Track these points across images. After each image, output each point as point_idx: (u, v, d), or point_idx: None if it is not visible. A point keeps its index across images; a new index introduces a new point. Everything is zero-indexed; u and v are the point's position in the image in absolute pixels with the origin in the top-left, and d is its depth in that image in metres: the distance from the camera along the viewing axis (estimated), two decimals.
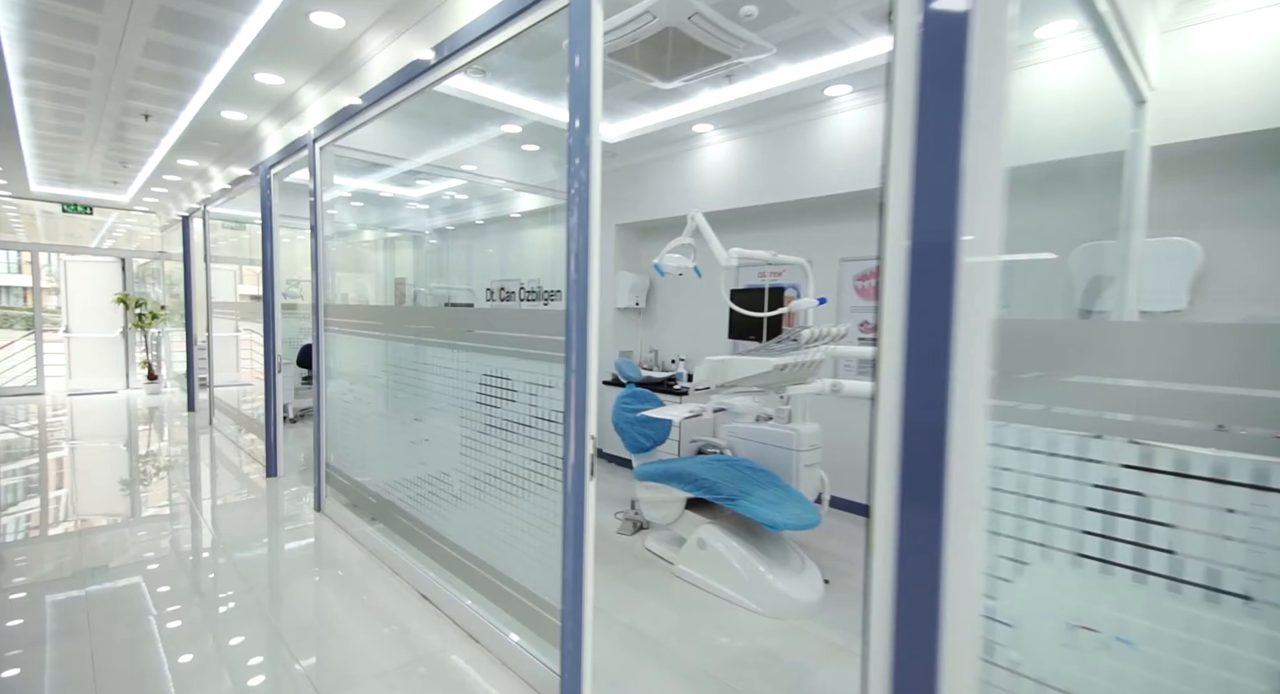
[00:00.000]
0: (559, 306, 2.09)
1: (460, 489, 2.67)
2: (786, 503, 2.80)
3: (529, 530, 2.25)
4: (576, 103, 1.85)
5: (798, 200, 4.02)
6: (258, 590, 2.85)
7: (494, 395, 2.42)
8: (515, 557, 2.33)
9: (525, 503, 2.27)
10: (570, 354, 1.89)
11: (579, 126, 1.85)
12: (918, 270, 1.11)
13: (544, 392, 2.14)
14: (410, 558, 2.97)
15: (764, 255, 3.00)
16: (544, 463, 2.16)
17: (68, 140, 5.48)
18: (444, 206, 7.34)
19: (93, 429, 6.46)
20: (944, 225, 1.07)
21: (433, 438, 2.91)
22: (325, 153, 3.76)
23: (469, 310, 2.61)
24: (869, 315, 3.91)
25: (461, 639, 2.47)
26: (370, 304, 6.98)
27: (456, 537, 2.67)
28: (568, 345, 1.90)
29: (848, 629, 2.57)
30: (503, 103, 4.01)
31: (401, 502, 3.13)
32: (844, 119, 3.69)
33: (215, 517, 3.83)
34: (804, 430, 3.15)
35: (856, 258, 3.96)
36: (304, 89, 3.78)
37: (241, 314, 6.12)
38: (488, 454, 2.48)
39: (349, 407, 3.75)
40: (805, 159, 3.90)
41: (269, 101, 4.05)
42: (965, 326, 1.06)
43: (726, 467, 3.10)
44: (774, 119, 3.98)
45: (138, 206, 8.62)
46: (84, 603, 2.69)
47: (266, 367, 4.57)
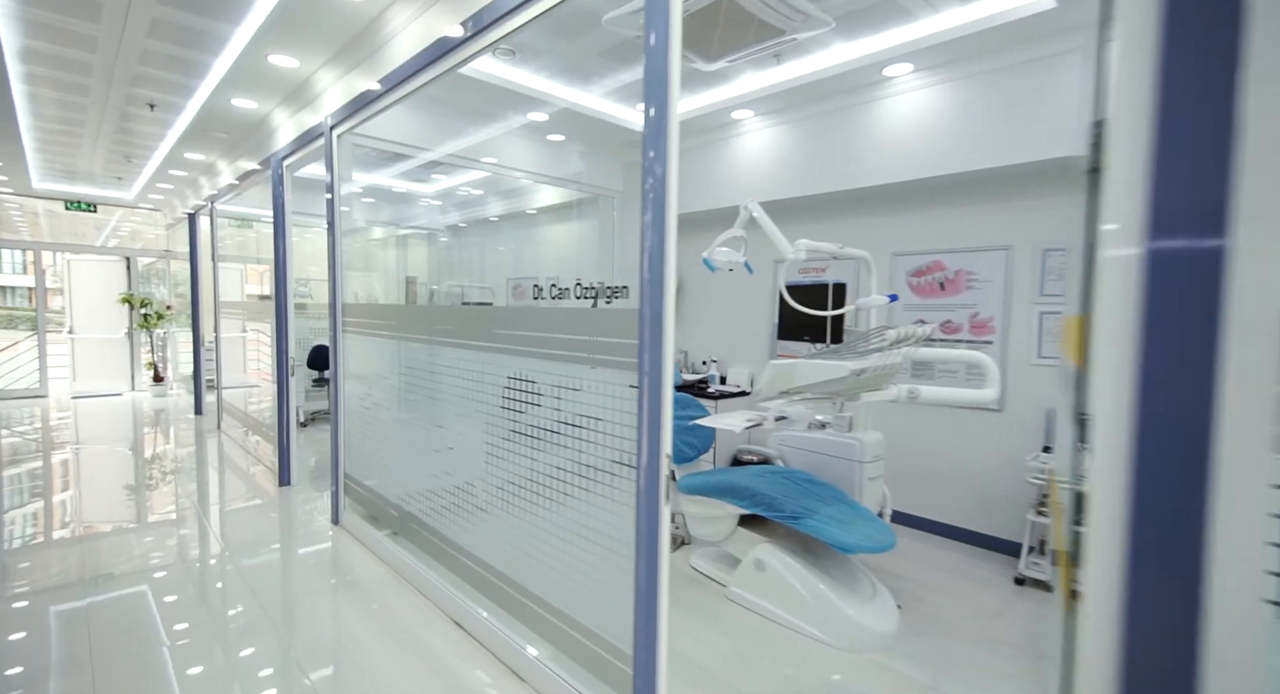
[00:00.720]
0: (625, 305, 1.84)
1: (499, 505, 2.42)
2: (856, 521, 2.54)
3: (587, 556, 2.00)
4: (652, 86, 1.59)
5: (845, 191, 3.75)
6: (271, 610, 2.60)
7: (541, 403, 2.17)
8: (571, 587, 2.07)
9: (581, 523, 2.02)
10: (643, 359, 1.63)
11: (654, 115, 1.59)
12: (1162, 258, 0.85)
13: (603, 400, 1.89)
14: (440, 579, 2.72)
15: (831, 248, 2.74)
16: (602, 478, 1.91)
17: (70, 133, 5.25)
18: (461, 201, 7.10)
19: (97, 433, 6.24)
20: (1208, 195, 0.81)
21: (464, 447, 2.66)
22: (343, 141, 3.51)
23: (518, 310, 2.35)
24: (924, 313, 3.65)
25: (503, 675, 2.22)
26: (394, 304, 6.75)
27: (496, 558, 2.42)
28: (640, 350, 1.64)
29: (931, 665, 2.31)
30: (530, 87, 3.75)
31: (429, 516, 2.88)
32: (902, 102, 3.42)
33: (225, 528, 3.59)
34: (867, 440, 2.89)
35: (912, 251, 3.69)
36: (320, 72, 3.53)
37: (249, 314, 5.89)
38: (535, 467, 2.23)
39: (369, 413, 3.50)
40: (855, 146, 3.64)
41: (282, 87, 3.80)
42: (1240, 327, 0.79)
43: (784, 480, 2.84)
44: (822, 103, 3.72)
45: (143, 204, 8.40)
46: (85, 622, 2.45)
47: (279, 370, 4.33)
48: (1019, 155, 2.95)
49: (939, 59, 3.12)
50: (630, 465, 1.78)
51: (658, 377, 1.60)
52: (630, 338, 1.72)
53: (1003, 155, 3.01)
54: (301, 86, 3.76)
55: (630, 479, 1.78)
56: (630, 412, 1.76)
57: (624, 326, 1.75)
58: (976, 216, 3.44)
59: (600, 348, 1.86)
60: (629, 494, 1.78)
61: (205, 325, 7.09)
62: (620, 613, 1.77)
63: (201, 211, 6.89)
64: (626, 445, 1.80)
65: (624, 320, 1.75)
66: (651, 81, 1.59)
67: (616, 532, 1.85)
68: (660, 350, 1.59)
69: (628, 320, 1.73)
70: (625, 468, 1.81)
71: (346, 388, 3.63)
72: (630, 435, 1.78)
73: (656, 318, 1.60)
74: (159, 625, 2.50)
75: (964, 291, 3.49)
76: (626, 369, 1.76)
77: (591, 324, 1.92)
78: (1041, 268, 3.20)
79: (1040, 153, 2.88)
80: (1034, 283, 3.24)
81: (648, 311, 1.61)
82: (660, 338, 1.59)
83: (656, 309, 1.60)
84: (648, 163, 1.61)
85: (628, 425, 1.79)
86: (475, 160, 4.46)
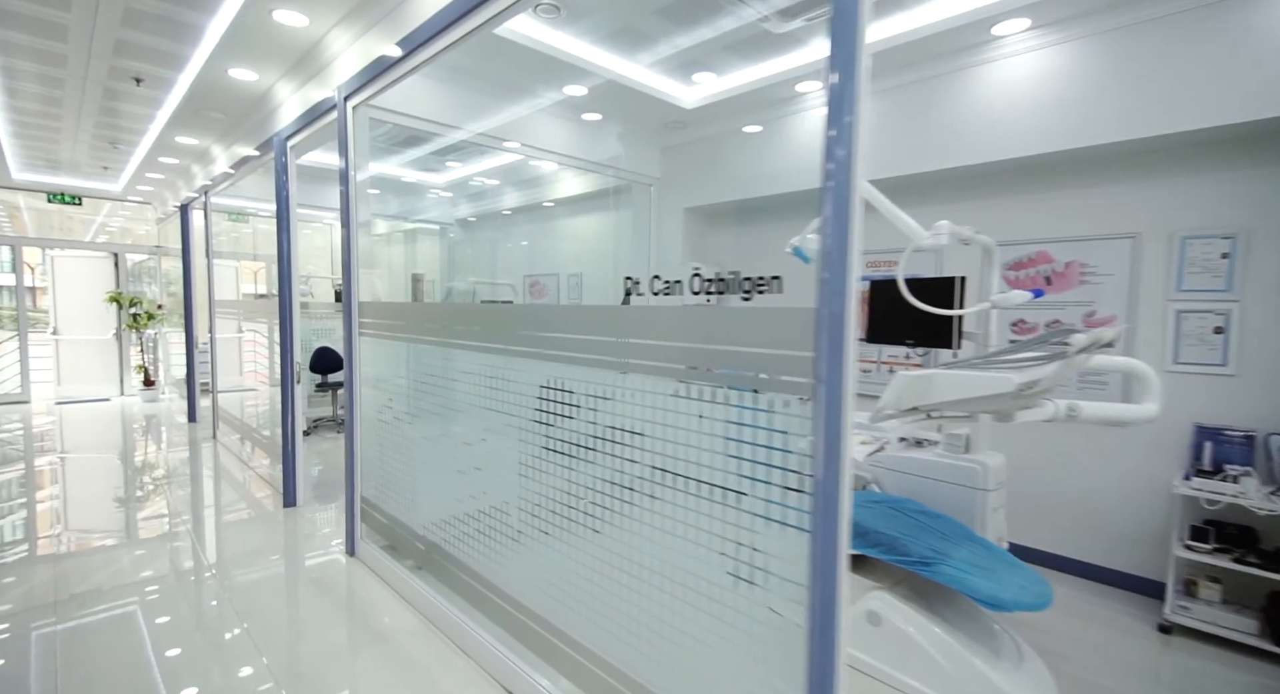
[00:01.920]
0: (775, 302, 1.39)
1: (565, 544, 1.95)
2: (1000, 568, 2.08)
3: (698, 614, 1.53)
4: (839, 45, 1.14)
5: (931, 172, 3.29)
6: (280, 671, 2.13)
7: (630, 421, 1.70)
8: (667, 653, 1.61)
9: (686, 570, 1.56)
10: (821, 368, 1.16)
11: (838, 83, 1.14)
12: None
13: (721, 416, 1.43)
14: (485, 633, 2.25)
15: (967, 232, 2.28)
16: (718, 513, 1.45)
17: (49, 115, 4.75)
18: (475, 192, 6.61)
19: (82, 441, 5.73)
20: None
21: (514, 472, 2.19)
22: (359, 114, 3.03)
23: (602, 310, 1.87)
24: (1025, 312, 3.19)
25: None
26: (427, 303, 6.28)
27: (568, 619, 1.95)
28: (817, 358, 1.17)
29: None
30: (571, 54, 3.28)
31: (469, 554, 2.41)
32: (1010, 67, 2.96)
33: (223, 559, 3.10)
34: (991, 464, 2.42)
35: (1011, 241, 3.22)
36: (333, 34, 3.05)
37: (247, 314, 5.39)
38: (625, 499, 1.76)
39: (389, 428, 3.02)
40: (947, 121, 3.18)
41: (288, 53, 3.32)
42: None
43: (895, 512, 2.38)
44: (910, 71, 3.25)
45: (131, 197, 7.90)
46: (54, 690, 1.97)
47: (283, 377, 3.85)
48: (1172, 123, 2.50)
49: (1065, 12, 2.66)
50: (761, 497, 1.34)
51: (837, 388, 1.14)
52: (773, 344, 1.27)
53: (1147, 125, 2.56)
54: (310, 53, 3.28)
55: (756, 514, 1.34)
56: (753, 428, 1.32)
57: (773, 329, 1.29)
58: (1093, 200, 2.98)
59: (733, 359, 1.40)
60: (754, 535, 1.34)
61: (199, 326, 6.59)
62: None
63: (194, 204, 6.39)
64: (748, 469, 1.37)
65: (772, 322, 1.29)
66: (840, 38, 1.13)
67: (734, 588, 1.39)
68: (841, 357, 1.13)
69: (778, 323, 1.27)
70: (750, 499, 1.36)
71: (363, 399, 3.16)
72: (759, 457, 1.34)
73: (837, 320, 1.14)
74: (148, 676, 2.03)
75: (1076, 287, 3.03)
76: (769, 384, 1.30)
77: (719, 327, 1.45)
78: (1179, 258, 2.75)
79: (1208, 118, 2.42)
80: (1168, 276, 2.78)
81: (826, 313, 1.15)
82: (841, 343, 1.13)
83: (838, 310, 1.14)
84: (830, 142, 1.16)
85: (753, 446, 1.35)
86: (501, 140, 3.97)
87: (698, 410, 1.51)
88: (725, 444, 1.44)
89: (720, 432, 1.46)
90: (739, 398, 1.41)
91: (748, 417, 1.38)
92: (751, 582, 1.40)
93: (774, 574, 1.35)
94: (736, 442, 1.41)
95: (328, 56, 3.20)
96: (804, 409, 1.23)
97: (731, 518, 1.44)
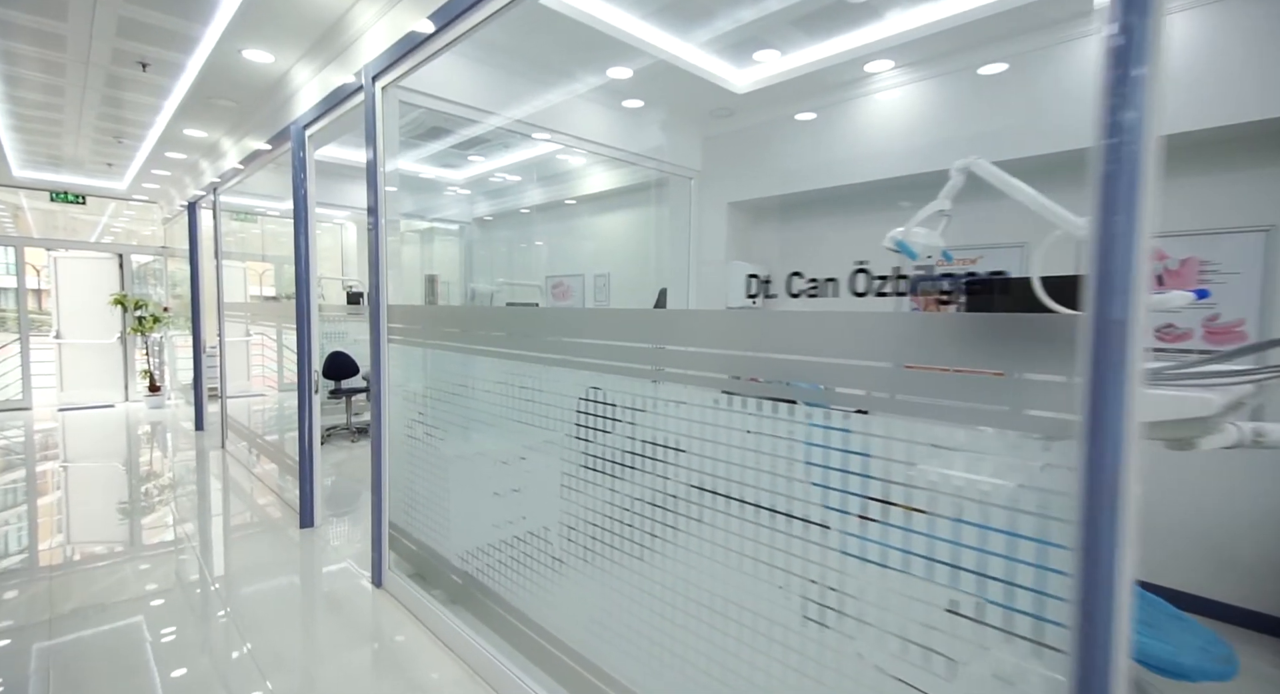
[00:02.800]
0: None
1: (656, 597, 1.63)
2: (1166, 624, 1.74)
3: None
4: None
5: (1022, 159, 2.96)
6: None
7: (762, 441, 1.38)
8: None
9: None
10: (1093, 408, 0.84)
11: (1127, 23, 0.81)
12: None
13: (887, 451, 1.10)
14: (541, 689, 1.93)
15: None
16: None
17: (49, 106, 4.46)
18: (495, 188, 6.31)
19: (85, 450, 5.44)
20: None
21: (589, 505, 1.87)
22: (388, 96, 2.72)
23: (757, 316, 1.54)
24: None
25: None
26: (486, 306, 6.01)
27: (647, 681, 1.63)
28: (1096, 376, 0.84)
29: None
30: (620, 29, 2.97)
31: (521, 597, 2.09)
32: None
33: (234, 590, 2.79)
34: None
35: None
36: (359, 7, 2.74)
37: (258, 317, 5.09)
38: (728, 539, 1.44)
39: (423, 446, 2.71)
40: (1040, 100, 2.85)
41: (308, 29, 3.02)
42: None
43: None
44: (1002, 45, 2.93)
45: (137, 196, 7.62)
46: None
47: (301, 388, 3.54)
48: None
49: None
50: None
51: (1118, 426, 0.82)
52: (1014, 364, 0.93)
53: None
54: (332, 30, 2.97)
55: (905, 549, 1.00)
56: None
57: (1013, 343, 0.96)
58: (1217, 188, 2.65)
59: (947, 389, 1.06)
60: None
61: (208, 329, 6.30)
62: None
63: (202, 202, 6.10)
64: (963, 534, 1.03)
65: (1009, 333, 0.97)
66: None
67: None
68: (1122, 383, 0.81)
69: (1019, 334, 0.94)
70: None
71: (392, 413, 2.84)
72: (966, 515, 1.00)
73: (1119, 332, 0.81)
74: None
75: (1193, 287, 2.70)
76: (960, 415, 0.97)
77: (921, 340, 1.10)
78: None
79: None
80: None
81: (1105, 322, 0.83)
82: (1124, 363, 0.81)
83: (1120, 317, 0.81)
84: (1114, 104, 0.82)
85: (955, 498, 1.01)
86: (532, 130, 3.65)
87: (898, 453, 1.13)
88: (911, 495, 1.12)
89: (917, 480, 1.12)
90: (955, 436, 1.06)
91: (961, 461, 1.04)
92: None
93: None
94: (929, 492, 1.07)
95: (352, 33, 2.89)
96: (1055, 453, 0.90)
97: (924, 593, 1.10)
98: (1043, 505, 0.94)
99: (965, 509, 1.05)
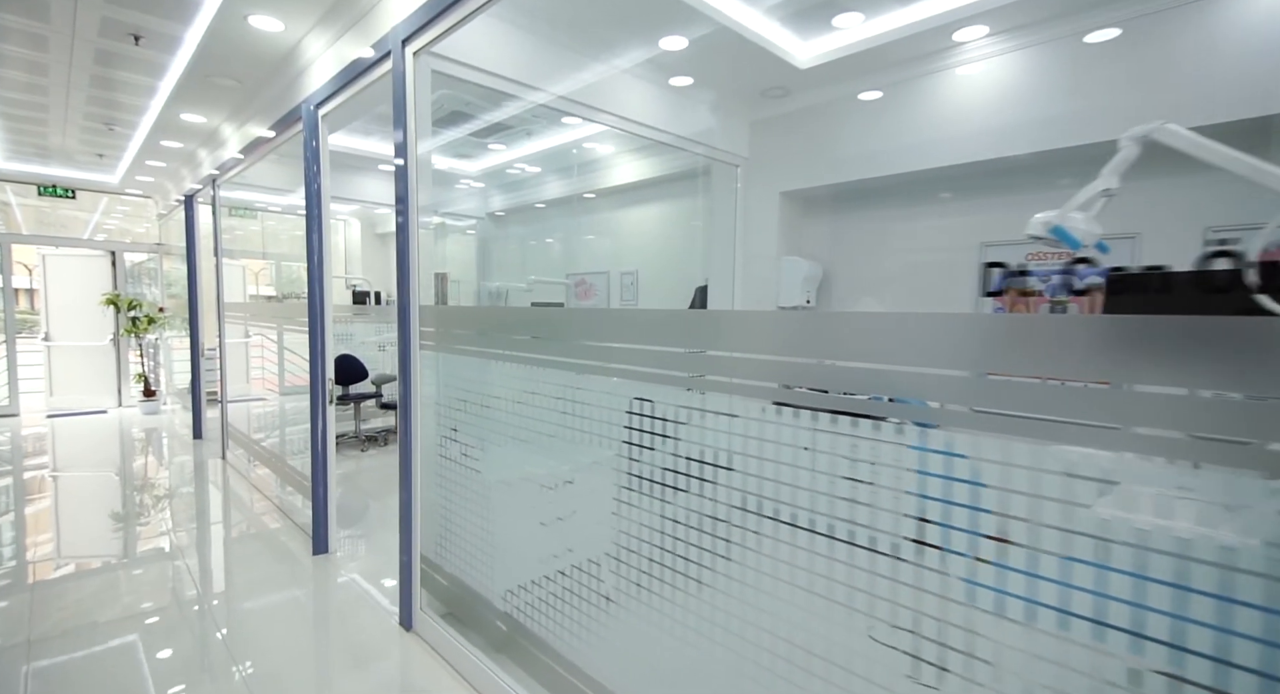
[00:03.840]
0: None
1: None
2: None
3: None
4: None
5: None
6: None
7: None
8: None
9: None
10: None
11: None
12: None
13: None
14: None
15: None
16: None
17: (34, 89, 4.07)
18: (523, 178, 5.93)
19: (75, 459, 5.05)
20: None
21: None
22: (420, 64, 2.35)
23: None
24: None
25: None
26: (542, 307, 5.64)
27: None
28: None
29: None
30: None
31: (586, 654, 1.73)
32: (1253, 6, 2.29)
33: (244, 630, 2.42)
34: None
35: (1246, 225, 2.54)
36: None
37: (261, 318, 4.71)
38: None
39: (456, 467, 2.34)
40: (1161, 72, 2.50)
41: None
42: None
43: None
44: (1116, 7, 2.57)
45: (130, 189, 7.22)
46: None
47: (314, 398, 3.16)
48: None
49: None
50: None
51: None
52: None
53: None
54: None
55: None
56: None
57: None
58: None
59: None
60: None
61: (205, 330, 5.91)
62: None
63: (201, 195, 5.71)
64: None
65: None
66: None
67: None
68: None
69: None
70: None
71: (423, 429, 2.47)
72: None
73: None
74: None
75: None
76: None
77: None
78: None
79: None
80: None
81: None
82: None
83: None
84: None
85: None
86: (574, 104, 3.27)
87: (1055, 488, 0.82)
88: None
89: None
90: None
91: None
92: None
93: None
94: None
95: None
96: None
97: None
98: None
99: (1151, 560, 0.77)
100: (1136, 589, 0.81)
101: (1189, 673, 0.78)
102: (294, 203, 5.03)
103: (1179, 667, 0.78)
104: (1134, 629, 0.82)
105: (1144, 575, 0.81)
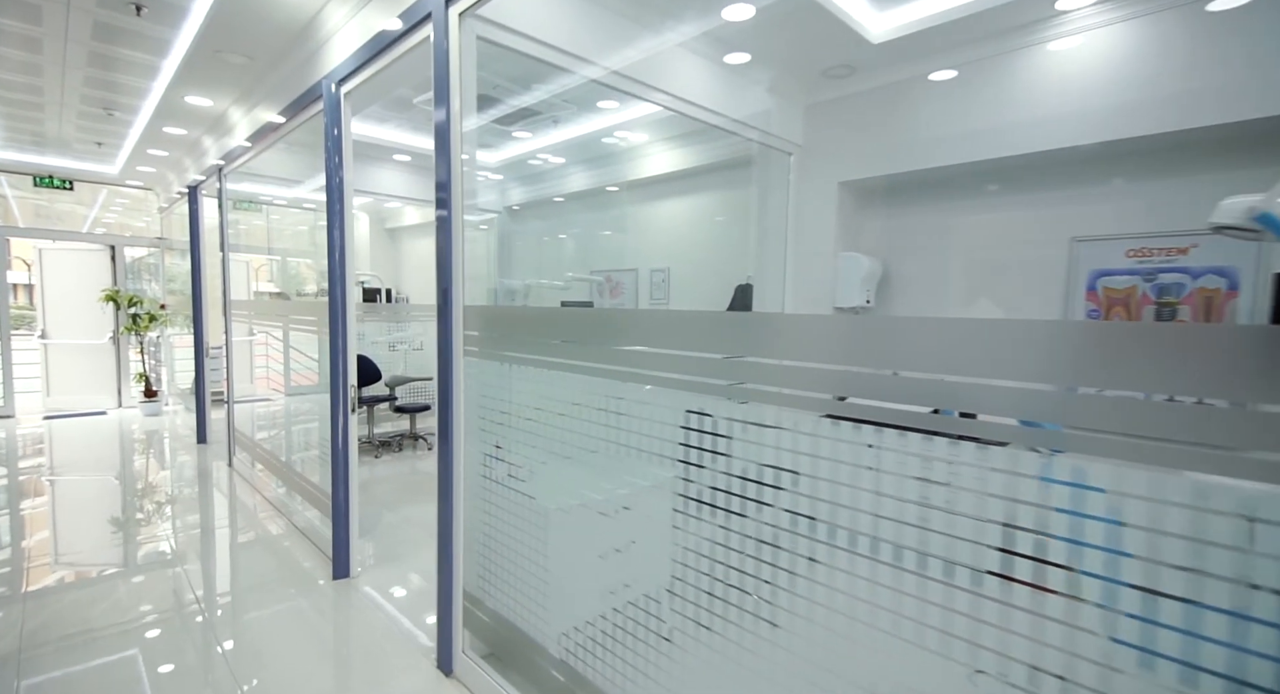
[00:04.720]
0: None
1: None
2: None
3: None
4: None
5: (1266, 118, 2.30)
6: None
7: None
8: None
9: None
10: None
11: None
12: None
13: None
14: None
15: None
16: None
17: (27, 69, 3.75)
18: (545, 169, 5.62)
19: (74, 462, 4.75)
20: None
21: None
22: (465, 26, 2.04)
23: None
24: None
25: None
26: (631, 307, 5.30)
27: None
28: None
29: None
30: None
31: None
32: None
33: (258, 675, 2.12)
34: None
35: None
36: None
37: (269, 316, 4.40)
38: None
39: (501, 492, 2.04)
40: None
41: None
42: None
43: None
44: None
45: (130, 181, 6.90)
46: None
47: (334, 406, 2.85)
48: None
49: None
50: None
51: None
52: None
53: None
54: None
55: None
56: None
57: None
58: None
59: None
60: None
61: (210, 328, 5.60)
62: None
63: (205, 186, 5.40)
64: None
65: None
66: None
67: None
68: None
69: None
70: None
71: (465, 448, 2.17)
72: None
73: None
74: None
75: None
76: None
77: None
78: None
79: None
80: None
81: None
82: None
83: None
84: None
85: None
86: (626, 79, 2.95)
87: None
88: None
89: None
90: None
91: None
92: None
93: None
94: None
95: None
96: None
97: None
98: None
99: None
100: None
101: None
102: (299, 196, 4.72)
103: None
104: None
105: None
